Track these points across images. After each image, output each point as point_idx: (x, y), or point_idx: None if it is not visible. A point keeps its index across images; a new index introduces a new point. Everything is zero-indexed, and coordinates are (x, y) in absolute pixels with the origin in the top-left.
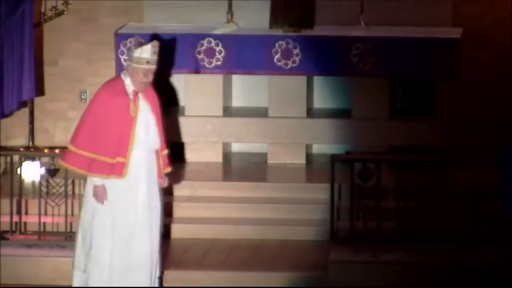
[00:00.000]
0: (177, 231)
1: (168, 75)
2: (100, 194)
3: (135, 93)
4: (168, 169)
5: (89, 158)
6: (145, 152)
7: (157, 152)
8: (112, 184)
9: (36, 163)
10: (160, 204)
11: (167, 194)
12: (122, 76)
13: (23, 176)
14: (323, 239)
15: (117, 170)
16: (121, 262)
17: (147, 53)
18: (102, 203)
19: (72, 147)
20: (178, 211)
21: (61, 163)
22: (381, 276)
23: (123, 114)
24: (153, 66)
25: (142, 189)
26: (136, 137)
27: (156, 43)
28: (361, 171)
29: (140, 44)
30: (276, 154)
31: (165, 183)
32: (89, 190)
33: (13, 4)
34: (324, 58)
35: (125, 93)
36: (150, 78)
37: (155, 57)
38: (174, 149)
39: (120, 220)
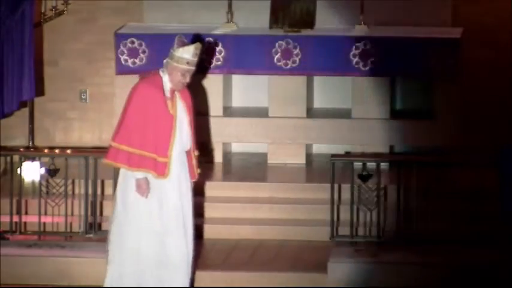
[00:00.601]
0: None
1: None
2: (143, 187)
3: (173, 92)
4: (198, 170)
5: (128, 153)
6: (178, 151)
7: (189, 152)
8: (153, 180)
9: (36, 163)
10: (191, 205)
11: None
12: (160, 73)
13: (23, 176)
14: (323, 239)
15: (160, 169)
16: (153, 258)
17: (189, 54)
18: (146, 196)
19: (112, 143)
20: None
21: (103, 161)
22: (380, 276)
23: (162, 111)
24: (192, 68)
25: (174, 188)
26: (175, 136)
27: (199, 45)
28: (361, 171)
29: (183, 44)
30: (276, 154)
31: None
32: (123, 184)
33: (13, 4)
34: (324, 58)
35: (163, 90)
36: (188, 79)
37: (196, 59)
38: None
39: (152, 216)
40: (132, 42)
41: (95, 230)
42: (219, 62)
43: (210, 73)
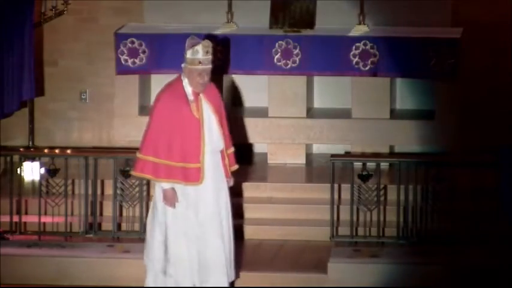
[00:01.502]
0: None
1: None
2: (169, 197)
3: (196, 94)
4: (235, 167)
5: (154, 163)
6: (210, 153)
7: (222, 152)
8: (179, 186)
9: (36, 163)
10: (228, 207)
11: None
12: (182, 77)
13: (23, 176)
14: (323, 239)
15: (193, 176)
16: (196, 263)
17: (199, 53)
18: (174, 206)
19: (139, 155)
20: None
21: (132, 173)
22: (381, 276)
23: (187, 116)
24: (207, 66)
25: (209, 191)
26: (205, 139)
27: (207, 43)
28: (361, 171)
29: (192, 45)
30: (276, 154)
31: (231, 182)
32: (157, 194)
33: (13, 4)
34: (324, 58)
35: (185, 95)
36: (206, 78)
37: (208, 57)
38: None
39: (190, 222)
40: (132, 42)
41: (95, 230)
42: (219, 62)
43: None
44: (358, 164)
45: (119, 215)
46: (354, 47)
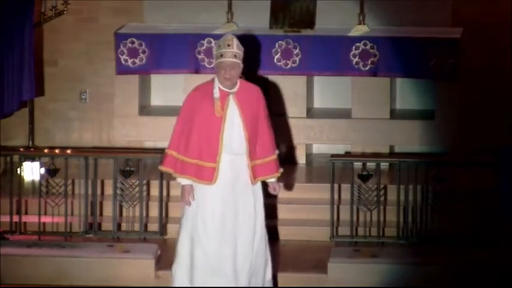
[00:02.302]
0: (175, 231)
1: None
2: (183, 194)
3: (224, 94)
4: (274, 174)
5: (175, 158)
6: (229, 156)
7: (247, 156)
8: (198, 186)
9: (36, 163)
10: (257, 210)
11: None
12: (215, 77)
13: (23, 176)
14: (323, 239)
15: (206, 175)
16: (204, 265)
17: (222, 46)
18: (189, 204)
19: (166, 150)
20: (176, 211)
21: (159, 167)
22: (381, 276)
23: (209, 115)
24: (229, 60)
25: (219, 194)
26: (223, 139)
27: (230, 36)
28: (361, 171)
29: (220, 40)
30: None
31: (277, 190)
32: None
33: (13, 4)
34: (324, 58)
35: (212, 93)
36: (232, 73)
37: (230, 50)
38: None
39: (207, 224)
40: (132, 42)
41: (95, 230)
42: None
43: (210, 73)
44: (358, 164)
45: (119, 215)
46: (354, 47)
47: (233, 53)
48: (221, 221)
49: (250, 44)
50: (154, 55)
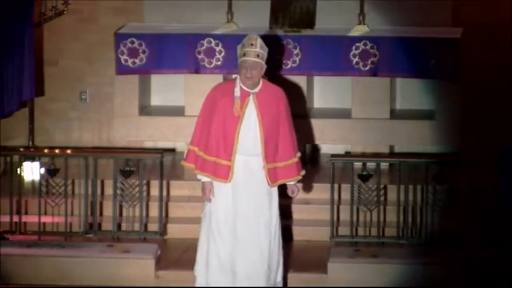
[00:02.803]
0: (175, 231)
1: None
2: (205, 191)
3: (244, 93)
4: (295, 177)
5: (195, 155)
6: (243, 156)
7: (263, 158)
8: (214, 184)
9: (36, 163)
10: (272, 212)
11: None
12: (238, 75)
13: (23, 176)
14: (323, 239)
15: (221, 173)
16: (217, 264)
17: (245, 45)
18: (209, 200)
19: (189, 145)
20: (176, 211)
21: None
22: (381, 276)
23: (227, 113)
24: (251, 59)
25: (239, 197)
26: (239, 139)
27: (253, 35)
28: (361, 171)
29: (245, 39)
30: None
31: (295, 192)
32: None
33: (13, 4)
34: (324, 58)
35: (232, 91)
36: (253, 73)
37: (253, 50)
38: None
39: (220, 224)
40: (132, 42)
41: (95, 230)
42: (219, 62)
43: (210, 73)
44: (358, 164)
45: (119, 215)
46: (354, 47)
47: (256, 52)
48: (233, 222)
49: None
50: (154, 55)
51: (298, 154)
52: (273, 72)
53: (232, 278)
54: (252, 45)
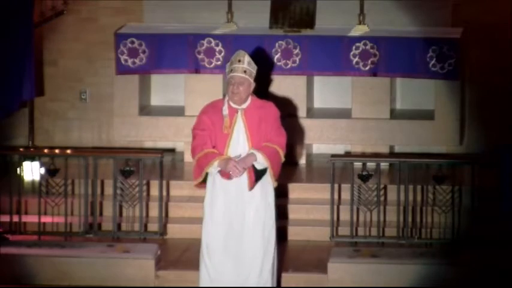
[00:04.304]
0: (175, 231)
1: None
2: (232, 168)
3: (232, 111)
4: (263, 155)
5: (199, 162)
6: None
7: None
8: (209, 191)
9: (36, 163)
10: (266, 216)
11: None
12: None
13: (23, 176)
14: (323, 239)
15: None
16: (222, 260)
17: (233, 62)
18: (241, 172)
19: (193, 160)
20: (176, 211)
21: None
22: (381, 276)
23: (217, 131)
24: (238, 75)
25: (233, 206)
26: (228, 155)
27: (242, 52)
28: (361, 171)
29: (233, 56)
30: None
31: (235, 172)
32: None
33: (13, 4)
34: (324, 58)
35: (221, 109)
36: (240, 89)
37: (240, 66)
38: None
39: (218, 220)
40: (132, 42)
41: (95, 230)
42: (219, 62)
43: (210, 73)
44: (358, 164)
45: (119, 215)
46: (354, 47)
47: (243, 68)
48: (225, 236)
49: (251, 44)
50: (154, 55)
51: (281, 151)
52: (271, 73)
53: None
54: (239, 61)
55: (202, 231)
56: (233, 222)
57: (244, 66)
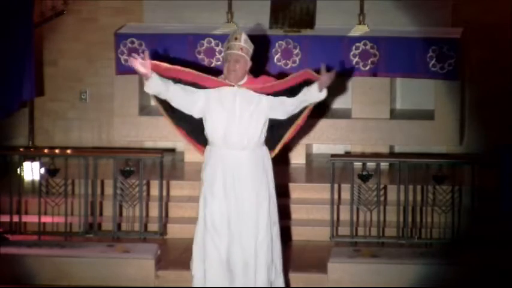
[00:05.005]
0: (175, 231)
1: None
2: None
3: (228, 86)
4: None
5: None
6: (221, 150)
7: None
8: (206, 182)
9: (36, 163)
10: (261, 212)
11: None
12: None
13: (23, 176)
14: (323, 239)
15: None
16: (222, 259)
17: (230, 40)
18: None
19: None
20: (176, 211)
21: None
22: (381, 276)
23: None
24: (235, 52)
25: (228, 195)
26: (213, 131)
27: (239, 31)
28: (361, 171)
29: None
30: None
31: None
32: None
33: (13, 4)
34: (323, 58)
35: (220, 84)
36: (237, 66)
37: (237, 43)
38: None
39: (216, 220)
40: (132, 42)
41: (95, 230)
42: (219, 62)
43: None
44: (358, 164)
45: (119, 215)
46: (354, 47)
47: (239, 46)
48: (225, 221)
49: None
50: (154, 55)
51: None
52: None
53: (229, 270)
54: (236, 39)
55: (201, 208)
56: (233, 198)
57: (241, 44)
